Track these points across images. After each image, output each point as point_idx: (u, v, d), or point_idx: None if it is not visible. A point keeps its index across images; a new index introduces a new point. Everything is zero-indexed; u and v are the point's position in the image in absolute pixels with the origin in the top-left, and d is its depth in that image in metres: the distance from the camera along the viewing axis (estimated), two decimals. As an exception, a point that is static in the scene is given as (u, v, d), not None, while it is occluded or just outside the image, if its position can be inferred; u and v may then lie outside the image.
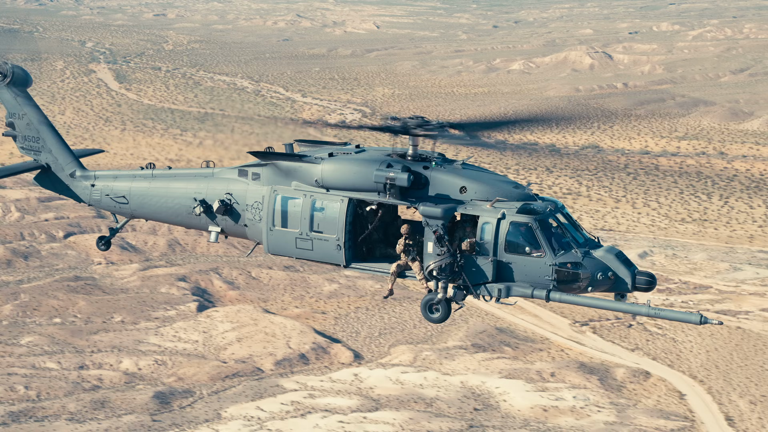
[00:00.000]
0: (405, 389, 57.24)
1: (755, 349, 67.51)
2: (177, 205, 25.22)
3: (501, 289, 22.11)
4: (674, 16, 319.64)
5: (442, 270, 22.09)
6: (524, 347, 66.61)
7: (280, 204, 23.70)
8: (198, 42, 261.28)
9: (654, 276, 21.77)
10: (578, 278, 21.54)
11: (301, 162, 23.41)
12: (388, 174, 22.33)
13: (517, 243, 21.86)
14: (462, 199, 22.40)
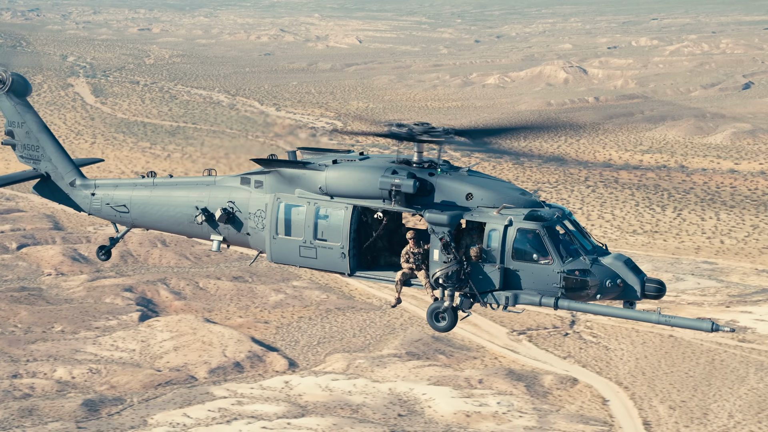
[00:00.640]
0: (333, 396, 58.72)
1: (683, 357, 69.18)
2: (178, 214, 24.83)
3: (508, 296, 21.66)
4: (655, 31, 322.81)
5: (449, 278, 21.68)
6: (458, 355, 68.17)
7: (283, 212, 23.31)
8: (179, 56, 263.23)
9: (663, 283, 21.74)
10: (587, 285, 21.16)
11: (304, 169, 23.06)
12: (394, 181, 21.94)
13: (525, 250, 21.51)
14: (468, 206, 22.03)
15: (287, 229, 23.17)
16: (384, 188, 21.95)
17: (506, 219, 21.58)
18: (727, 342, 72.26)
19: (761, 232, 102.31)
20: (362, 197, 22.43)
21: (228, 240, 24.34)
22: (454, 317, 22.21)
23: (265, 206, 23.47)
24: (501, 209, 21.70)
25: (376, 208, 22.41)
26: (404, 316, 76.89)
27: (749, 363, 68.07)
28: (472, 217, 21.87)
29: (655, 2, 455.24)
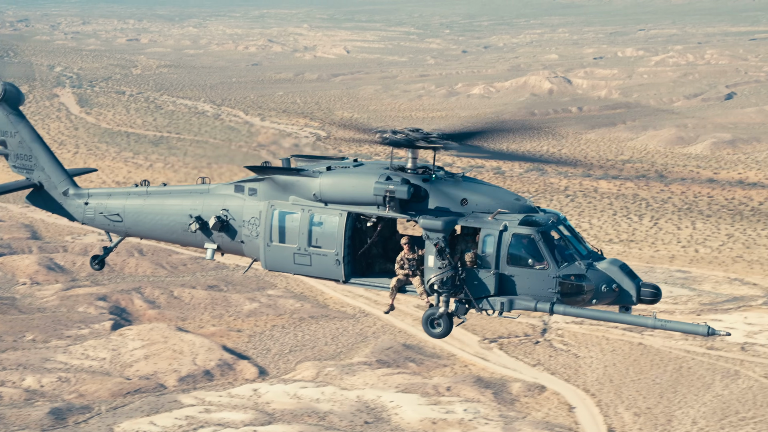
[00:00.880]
0: (301, 403, 59.18)
1: (651, 364, 69.84)
2: (172, 222, 24.66)
3: (504, 302, 21.51)
4: (641, 42, 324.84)
5: (444, 284, 21.55)
6: (429, 363, 68.70)
7: (277, 219, 23.14)
8: (167, 66, 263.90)
9: (659, 288, 21.75)
10: (582, 291, 21.06)
11: (298, 176, 22.96)
12: (388, 187, 21.85)
13: (520, 255, 21.37)
14: (463, 212, 21.91)
15: (281, 237, 23.06)
16: (378, 194, 21.94)
17: (501, 224, 21.51)
18: (695, 349, 72.98)
19: (735, 241, 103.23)
20: (356, 204, 22.38)
21: (222, 248, 24.16)
22: (450, 323, 22.05)
23: (259, 214, 23.40)
24: (496, 214, 21.65)
25: (371, 214, 22.40)
26: (377, 324, 77.45)
27: (716, 370, 68.77)
28: (466, 222, 21.80)
29: (643, 13, 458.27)
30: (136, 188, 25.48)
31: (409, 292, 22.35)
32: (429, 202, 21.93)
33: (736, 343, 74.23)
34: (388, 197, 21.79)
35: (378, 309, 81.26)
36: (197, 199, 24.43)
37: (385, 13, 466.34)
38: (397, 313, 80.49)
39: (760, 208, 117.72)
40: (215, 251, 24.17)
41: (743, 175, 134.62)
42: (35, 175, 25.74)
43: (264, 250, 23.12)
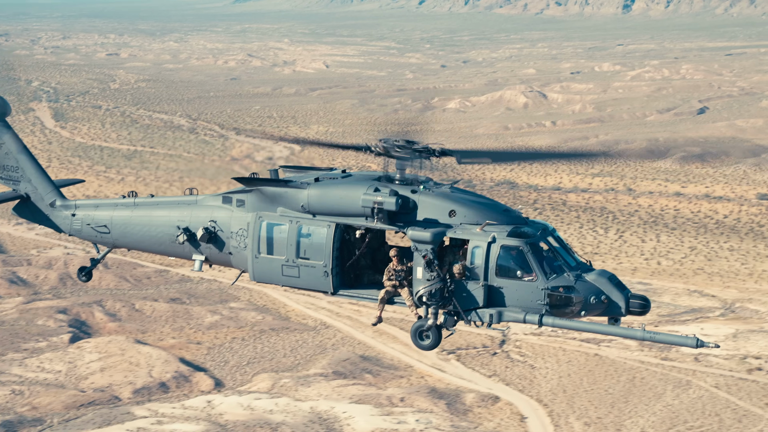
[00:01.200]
0: (254, 415, 59.66)
1: (605, 375, 70.66)
2: (160, 234, 24.48)
3: (492, 314, 21.49)
4: (619, 56, 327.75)
5: (432, 296, 21.42)
6: (385, 374, 69.28)
7: (265, 230, 22.98)
8: (145, 81, 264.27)
9: (648, 299, 21.66)
10: (571, 302, 20.99)
11: (286, 187, 22.82)
12: (376, 198, 21.74)
13: (508, 267, 21.25)
14: (451, 223, 21.78)
15: (269, 248, 22.93)
16: (366, 206, 21.84)
17: (489, 236, 21.38)
18: (650, 360, 73.90)
19: (698, 254, 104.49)
20: (345, 215, 22.25)
21: (210, 260, 24.01)
22: (438, 335, 21.98)
23: (247, 225, 23.25)
24: (484, 226, 21.52)
25: (359, 226, 22.29)
26: (337, 336, 78.00)
27: (668, 380, 69.68)
28: (455, 234, 21.67)
29: (623, 28, 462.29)
30: (123, 199, 25.36)
31: (397, 303, 22.22)
32: (417, 214, 21.86)
33: (690, 354, 75.22)
34: (377, 209, 21.71)
35: (339, 321, 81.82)
36: (185, 210, 24.34)
37: (366, 28, 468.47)
38: (357, 325, 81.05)
39: (725, 221, 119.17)
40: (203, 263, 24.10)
41: (710, 189, 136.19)
42: (22, 187, 25.62)
43: (252, 261, 23.05)
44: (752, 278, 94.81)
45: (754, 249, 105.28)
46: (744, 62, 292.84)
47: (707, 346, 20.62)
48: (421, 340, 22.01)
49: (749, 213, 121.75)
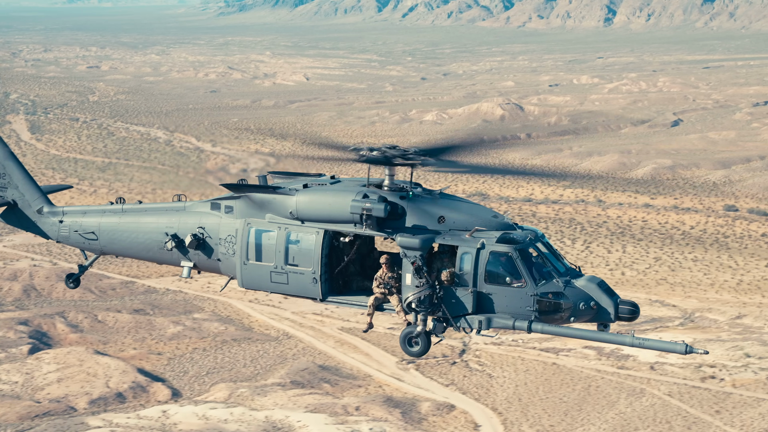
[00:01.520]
0: (208, 424, 60.10)
1: (561, 383, 71.45)
2: (148, 240, 24.41)
3: (481, 320, 21.40)
4: (598, 69, 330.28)
5: (421, 302, 21.39)
6: (343, 384, 69.83)
7: (254, 237, 22.93)
8: (124, 93, 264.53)
9: (637, 305, 21.53)
10: (560, 308, 20.96)
11: (275, 194, 22.82)
12: (365, 205, 21.68)
13: (498, 273, 21.21)
14: (440, 230, 21.72)
15: (258, 255, 22.92)
16: (355, 212, 21.80)
17: (478, 242, 21.33)
18: (606, 369, 74.75)
19: (662, 264, 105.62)
20: (333, 221, 22.22)
21: (198, 266, 23.98)
22: (428, 342, 21.88)
23: (235, 231, 23.22)
24: (473, 232, 21.49)
25: (348, 232, 22.23)
26: (299, 346, 78.50)
27: (622, 389, 70.52)
28: (444, 240, 21.64)
29: (604, 41, 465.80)
30: (111, 206, 25.30)
31: (387, 310, 22.21)
32: (406, 220, 21.83)
33: (647, 363, 76.12)
34: (365, 215, 21.69)
35: (302, 331, 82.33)
36: (173, 216, 24.28)
37: (349, 40, 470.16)
38: (319, 335, 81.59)
39: (691, 232, 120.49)
40: (191, 269, 24.00)
41: (679, 201, 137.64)
42: (9, 193, 25.48)
43: (240, 268, 23.04)
44: (713, 288, 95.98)
45: (717, 259, 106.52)
46: (720, 75, 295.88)
47: (696, 353, 20.65)
48: (410, 347, 21.96)
49: (715, 224, 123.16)
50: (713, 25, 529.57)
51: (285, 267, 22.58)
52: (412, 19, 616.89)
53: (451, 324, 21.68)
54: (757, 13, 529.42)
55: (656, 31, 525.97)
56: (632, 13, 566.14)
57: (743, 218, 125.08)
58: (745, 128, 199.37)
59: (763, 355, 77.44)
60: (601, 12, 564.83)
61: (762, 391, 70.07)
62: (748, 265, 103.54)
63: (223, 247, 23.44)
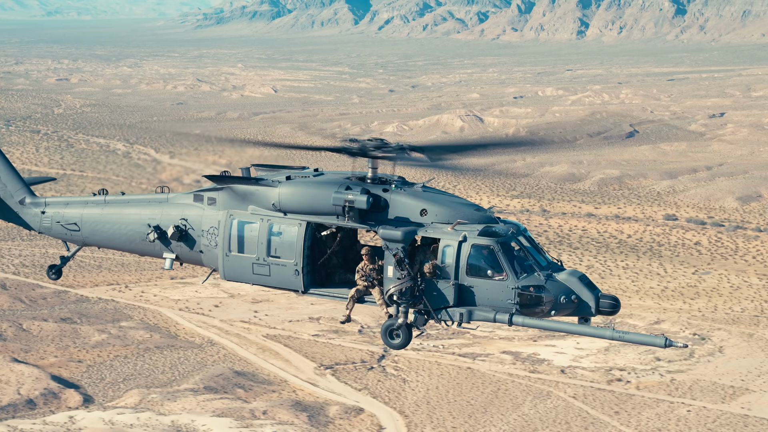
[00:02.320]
0: (113, 429, 61.28)
1: (472, 387, 73.09)
2: (130, 232, 24.40)
3: (463, 313, 21.40)
4: (565, 81, 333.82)
5: (403, 294, 21.42)
6: (257, 389, 71.15)
7: (236, 229, 22.92)
8: (90, 106, 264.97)
9: (618, 299, 21.40)
10: (541, 302, 20.98)
11: (257, 185, 22.82)
12: (347, 197, 21.70)
13: (479, 266, 21.20)
14: (422, 222, 21.73)
15: (240, 247, 22.94)
16: (337, 204, 21.82)
17: (460, 235, 21.35)
18: (518, 373, 76.48)
19: (593, 272, 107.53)
20: (316, 213, 22.24)
21: (181, 258, 24.04)
22: (409, 334, 21.91)
23: (218, 223, 23.22)
24: (455, 225, 21.50)
25: (330, 224, 22.22)
26: (221, 353, 79.76)
27: (530, 392, 72.24)
28: (426, 233, 21.66)
29: (576, 54, 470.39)
30: (93, 197, 25.25)
31: (368, 302, 22.23)
32: (389, 212, 21.85)
33: (559, 366, 77.94)
34: (348, 207, 21.70)
35: (226, 338, 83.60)
36: (156, 208, 24.30)
37: (323, 53, 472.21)
38: (243, 342, 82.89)
39: (627, 240, 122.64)
40: (174, 261, 24.03)
41: (621, 210, 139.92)
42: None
43: (222, 260, 23.05)
44: (638, 295, 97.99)
45: (647, 267, 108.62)
46: (683, 87, 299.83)
47: (675, 346, 20.78)
48: (391, 339, 21.97)
49: (653, 233, 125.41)
50: (684, 38, 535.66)
51: (267, 259, 22.61)
52: (388, 32, 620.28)
53: (433, 316, 21.65)
54: (727, 26, 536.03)
55: (628, 43, 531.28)
56: (604, 26, 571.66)
57: (681, 227, 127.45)
58: (698, 139, 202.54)
59: (673, 359, 79.41)
60: (574, 25, 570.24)
61: (663, 392, 71.97)
62: (676, 273, 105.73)
63: (206, 239, 23.46)
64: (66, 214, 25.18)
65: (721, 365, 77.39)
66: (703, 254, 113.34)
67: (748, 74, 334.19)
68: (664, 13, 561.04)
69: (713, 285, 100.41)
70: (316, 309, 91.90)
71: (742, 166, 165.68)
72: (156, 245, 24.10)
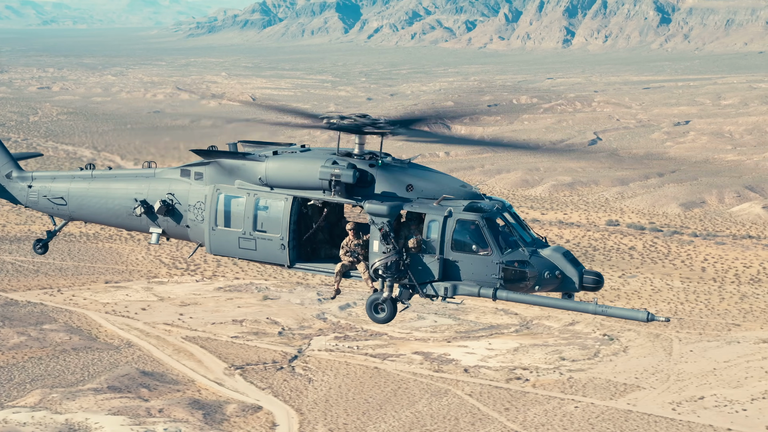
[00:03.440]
0: (6, 427, 62.94)
1: (374, 386, 74.85)
2: (117, 206, 24.48)
3: (447, 287, 21.59)
4: (542, 90, 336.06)
5: (388, 268, 21.62)
6: (162, 388, 72.86)
7: (222, 203, 23.10)
8: (66, 114, 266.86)
9: (601, 275, 21.68)
10: (525, 277, 21.19)
11: (244, 160, 23.07)
12: (333, 171, 21.85)
13: (464, 241, 21.33)
14: (408, 197, 21.94)
15: (227, 221, 23.08)
16: (324, 178, 21.97)
17: (446, 210, 21.58)
18: (423, 372, 78.26)
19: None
20: (302, 188, 22.38)
21: (167, 233, 24.19)
22: (393, 308, 22.16)
23: (204, 198, 23.39)
24: (441, 200, 21.75)
25: (317, 198, 22.39)
26: (135, 354, 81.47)
27: (429, 390, 74.02)
28: (412, 208, 21.88)
29: (560, 62, 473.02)
30: (80, 171, 25.38)
31: (353, 277, 22.53)
32: (375, 188, 22.01)
33: (466, 366, 79.74)
34: (334, 181, 21.84)
35: (145, 340, 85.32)
36: (143, 183, 24.48)
37: (310, 61, 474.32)
38: (161, 344, 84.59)
39: (564, 245, 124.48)
40: (160, 236, 24.15)
41: (566, 216, 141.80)
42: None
43: (209, 234, 23.24)
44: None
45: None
46: (655, 96, 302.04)
47: (657, 320, 21.07)
48: (376, 314, 22.23)
49: (592, 238, 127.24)
50: (668, 47, 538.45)
51: (253, 233, 22.76)
52: (377, 41, 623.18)
53: (418, 291, 21.83)
54: (711, 35, 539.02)
55: (613, 52, 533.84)
56: (590, 34, 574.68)
57: (620, 232, 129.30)
58: (658, 147, 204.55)
59: (577, 359, 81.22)
60: (560, 33, 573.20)
61: (557, 390, 73.77)
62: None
63: (192, 214, 23.61)
64: (53, 188, 25.31)
65: (620, 364, 79.21)
66: (635, 258, 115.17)
67: (723, 83, 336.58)
68: (649, 22, 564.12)
69: (636, 288, 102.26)
70: (241, 312, 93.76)
71: (693, 173, 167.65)
72: (142, 220, 24.28)
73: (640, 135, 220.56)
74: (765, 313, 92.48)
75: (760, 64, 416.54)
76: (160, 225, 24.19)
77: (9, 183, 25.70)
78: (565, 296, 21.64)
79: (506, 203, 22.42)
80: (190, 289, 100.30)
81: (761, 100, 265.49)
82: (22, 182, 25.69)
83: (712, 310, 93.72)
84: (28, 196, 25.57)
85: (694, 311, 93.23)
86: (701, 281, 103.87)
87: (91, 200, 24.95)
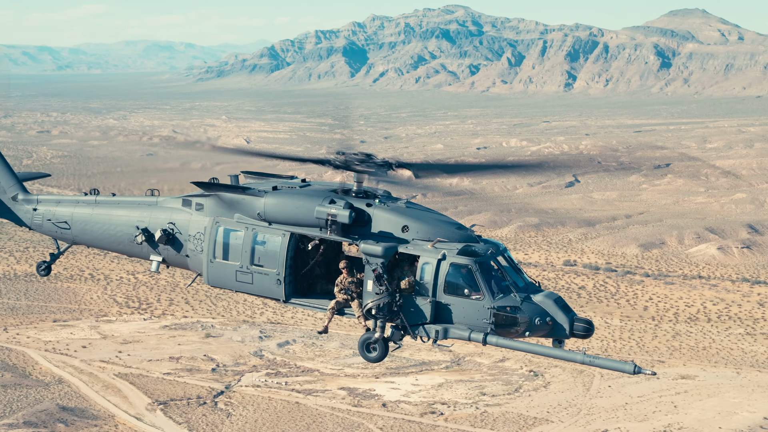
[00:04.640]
0: None
1: (290, 420, 76.18)
2: (119, 233, 24.95)
3: (438, 330, 21.65)
4: (536, 133, 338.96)
5: (380, 309, 21.73)
6: (79, 423, 74.43)
7: (221, 236, 23.38)
8: (60, 157, 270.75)
9: (592, 323, 21.52)
10: (516, 322, 21.23)
11: (244, 194, 23.50)
12: (330, 210, 22.14)
13: (457, 284, 21.40)
14: (404, 238, 22.05)
15: (225, 253, 23.35)
16: (320, 217, 22.26)
17: (440, 253, 21.64)
18: (341, 407, 79.52)
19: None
20: (299, 225, 22.63)
21: (167, 261, 24.53)
22: (385, 348, 22.31)
23: (204, 229, 23.74)
24: (435, 243, 21.83)
25: (313, 236, 22.57)
26: (63, 390, 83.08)
27: (342, 424, 75.26)
28: (406, 249, 21.95)
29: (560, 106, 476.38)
30: (85, 197, 26.11)
31: (347, 314, 22.67)
32: (371, 227, 22.19)
33: (386, 401, 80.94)
34: (330, 220, 22.11)
35: (77, 377, 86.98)
36: (145, 211, 25.06)
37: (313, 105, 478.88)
38: (92, 380, 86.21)
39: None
40: (160, 264, 24.46)
41: (527, 257, 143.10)
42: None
43: (207, 266, 23.53)
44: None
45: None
46: (643, 139, 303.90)
47: (644, 373, 20.93)
48: (368, 353, 22.40)
49: (546, 277, 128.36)
50: (668, 91, 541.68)
51: (250, 267, 22.99)
52: (382, 84, 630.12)
53: (409, 332, 21.97)
54: (710, 80, 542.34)
55: (613, 95, 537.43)
56: (591, 78, 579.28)
57: (574, 272, 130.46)
58: (634, 189, 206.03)
59: (497, 394, 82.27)
60: (562, 77, 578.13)
61: (467, 423, 74.84)
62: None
63: (192, 244, 23.91)
64: (57, 212, 26.01)
65: (537, 398, 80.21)
66: (582, 297, 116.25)
67: (714, 126, 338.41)
68: (649, 66, 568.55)
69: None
70: (179, 349, 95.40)
71: (659, 215, 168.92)
72: (143, 247, 24.70)
73: (618, 177, 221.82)
74: (692, 351, 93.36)
75: (756, 108, 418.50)
76: (160, 253, 24.62)
77: (15, 205, 26.43)
78: (555, 342, 21.71)
79: (501, 246, 22.58)
80: (135, 327, 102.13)
81: (745, 144, 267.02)
82: (27, 205, 26.45)
83: (643, 347, 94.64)
84: (32, 219, 26.24)
85: (624, 348, 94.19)
86: (640, 320, 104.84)
87: (94, 226, 25.55)
